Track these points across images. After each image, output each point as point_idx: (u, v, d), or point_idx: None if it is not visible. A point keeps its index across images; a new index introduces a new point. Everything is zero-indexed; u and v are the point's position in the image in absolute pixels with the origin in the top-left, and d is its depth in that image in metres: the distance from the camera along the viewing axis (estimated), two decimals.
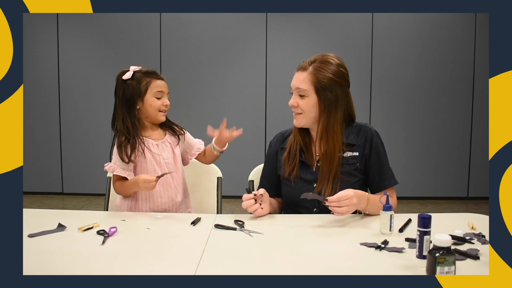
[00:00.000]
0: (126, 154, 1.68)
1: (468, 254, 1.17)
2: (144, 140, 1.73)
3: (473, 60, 4.66)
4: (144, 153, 1.72)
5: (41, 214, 1.61)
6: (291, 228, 1.46)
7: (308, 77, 1.61)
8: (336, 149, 1.62)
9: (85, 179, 4.82)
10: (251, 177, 1.92)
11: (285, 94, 1.69)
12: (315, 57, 1.66)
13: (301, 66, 1.66)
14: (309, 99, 1.62)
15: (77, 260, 1.16)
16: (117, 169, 1.70)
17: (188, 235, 1.40)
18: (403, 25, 4.65)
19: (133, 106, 1.72)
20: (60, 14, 4.70)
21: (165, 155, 1.76)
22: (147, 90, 1.72)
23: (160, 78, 1.76)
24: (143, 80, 1.72)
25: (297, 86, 1.63)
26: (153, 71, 1.77)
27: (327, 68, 1.61)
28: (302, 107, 1.63)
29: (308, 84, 1.61)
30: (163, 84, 1.76)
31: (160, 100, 1.74)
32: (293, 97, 1.66)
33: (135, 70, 1.74)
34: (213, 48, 4.73)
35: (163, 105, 1.75)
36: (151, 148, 1.74)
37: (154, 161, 1.73)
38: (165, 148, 1.78)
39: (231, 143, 1.85)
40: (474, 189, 4.78)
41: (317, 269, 1.11)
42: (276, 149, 1.77)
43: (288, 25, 4.70)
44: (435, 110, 4.73)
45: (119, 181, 1.73)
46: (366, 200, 1.52)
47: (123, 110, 1.73)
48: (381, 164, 1.67)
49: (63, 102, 4.83)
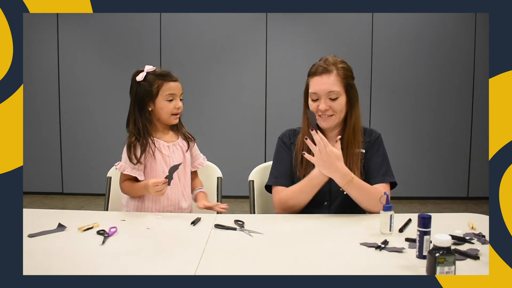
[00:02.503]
0: (135, 154, 1.68)
1: (468, 254, 1.17)
2: (155, 141, 1.73)
3: (473, 60, 4.66)
4: (154, 155, 1.71)
5: (41, 214, 1.61)
6: (291, 228, 1.46)
7: (337, 78, 1.64)
8: (360, 145, 1.68)
9: (85, 179, 4.82)
10: (251, 177, 1.91)
11: (285, 94, 1.69)
12: (328, 60, 1.66)
13: (324, 69, 1.64)
14: (341, 99, 1.65)
15: (77, 260, 1.16)
16: (128, 169, 1.69)
17: (188, 235, 1.40)
18: (403, 25, 4.65)
19: (144, 107, 1.72)
20: (60, 14, 4.70)
21: (175, 158, 1.75)
22: (159, 93, 1.70)
23: (173, 80, 1.74)
24: (155, 82, 1.71)
25: (330, 89, 1.62)
26: (166, 73, 1.74)
27: (344, 66, 1.66)
28: (336, 108, 1.64)
29: (339, 85, 1.64)
30: (176, 86, 1.73)
31: (171, 103, 1.72)
32: (323, 102, 1.63)
33: (148, 71, 1.72)
34: (213, 48, 4.73)
35: (175, 108, 1.73)
36: (162, 149, 1.73)
37: (164, 162, 1.72)
38: (176, 151, 1.77)
39: (231, 143, 1.85)
40: (474, 189, 4.78)
41: (317, 269, 1.11)
42: (290, 144, 1.77)
43: (288, 25, 4.70)
44: (435, 110, 4.73)
45: (129, 181, 1.72)
46: (348, 181, 1.53)
47: (135, 111, 1.72)
48: (380, 160, 1.69)
49: (63, 102, 4.83)
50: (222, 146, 4.68)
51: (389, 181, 1.67)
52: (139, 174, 1.70)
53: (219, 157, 2.88)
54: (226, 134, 4.74)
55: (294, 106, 4.09)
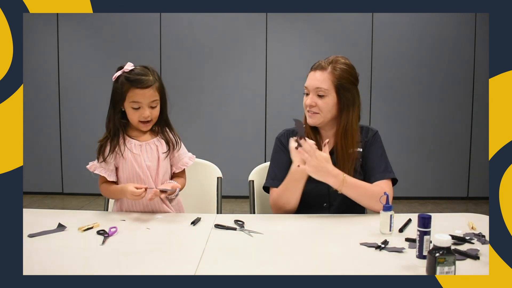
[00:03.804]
0: (102, 153, 1.63)
1: (468, 254, 1.17)
2: (127, 140, 1.66)
3: (473, 60, 4.66)
4: (123, 155, 1.64)
5: (41, 214, 1.61)
6: (291, 228, 1.46)
7: (328, 76, 1.62)
8: (354, 146, 1.66)
9: (85, 179, 4.79)
10: (251, 177, 1.91)
11: (285, 94, 1.69)
12: (331, 58, 1.66)
13: (319, 66, 1.65)
14: (328, 98, 1.63)
15: (77, 260, 1.16)
16: (98, 168, 1.65)
17: (188, 235, 1.40)
18: (403, 25, 4.65)
19: (116, 107, 1.65)
20: (60, 14, 4.70)
21: (146, 157, 1.66)
22: (126, 98, 1.60)
23: (142, 87, 1.58)
24: (124, 85, 1.60)
25: (317, 86, 1.63)
26: (137, 77, 1.59)
27: (344, 68, 1.64)
28: (321, 107, 1.63)
29: (329, 83, 1.62)
30: (143, 94, 1.58)
31: (137, 111, 1.60)
32: (310, 97, 1.65)
33: (124, 71, 1.62)
34: (213, 48, 4.73)
35: (142, 116, 1.61)
36: (132, 149, 1.65)
37: (135, 162, 1.64)
38: (149, 150, 1.67)
39: (231, 143, 1.84)
40: (474, 189, 4.78)
41: (317, 269, 1.11)
42: (287, 143, 1.73)
43: (288, 25, 4.70)
44: (435, 110, 4.73)
45: (106, 183, 1.68)
46: (341, 181, 1.53)
47: (110, 109, 1.66)
48: (378, 157, 1.68)
49: (63, 102, 4.83)
50: (222, 146, 4.68)
51: (390, 178, 1.66)
52: (108, 175, 1.65)
53: (219, 157, 2.89)
54: (226, 134, 4.73)
55: (294, 106, 4.09)
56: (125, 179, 1.66)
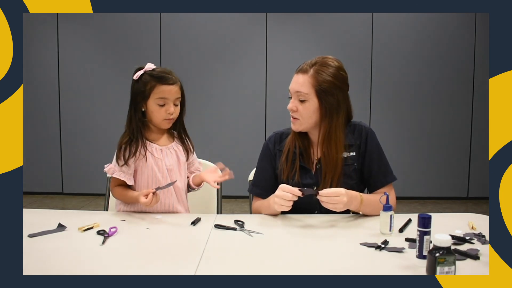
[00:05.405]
0: (123, 156, 1.62)
1: (468, 254, 1.18)
2: (147, 144, 1.66)
3: (473, 60, 4.66)
4: (146, 157, 1.65)
5: (41, 214, 1.61)
6: (291, 228, 1.46)
7: (309, 80, 1.54)
8: (339, 152, 1.58)
9: (85, 179, 4.82)
10: (251, 177, 1.91)
11: (285, 94, 1.67)
12: (316, 60, 1.59)
13: (301, 68, 1.58)
14: (309, 103, 1.56)
15: (77, 260, 1.16)
16: (117, 172, 1.64)
17: (188, 235, 1.40)
18: (403, 25, 4.65)
19: (137, 107, 1.65)
20: (60, 14, 4.69)
21: (168, 161, 1.69)
22: (150, 95, 1.62)
23: (168, 83, 1.63)
24: (149, 83, 1.62)
25: (297, 89, 1.56)
26: (162, 74, 1.63)
27: (328, 71, 1.55)
28: (302, 112, 1.57)
29: (309, 87, 1.54)
30: (169, 91, 1.63)
31: (163, 108, 1.63)
32: (292, 101, 1.59)
33: (147, 70, 1.64)
34: (213, 48, 4.73)
35: (167, 113, 1.64)
36: (154, 153, 1.66)
37: (156, 166, 1.66)
38: (169, 154, 1.70)
39: (230, 143, 1.84)
40: (474, 189, 4.77)
41: (317, 269, 1.11)
42: (275, 151, 1.72)
43: (288, 25, 4.70)
44: (435, 110, 4.73)
45: (120, 187, 1.67)
46: (359, 201, 1.50)
47: (131, 110, 1.66)
48: (377, 161, 1.63)
49: (63, 102, 4.83)
50: (222, 146, 4.68)
51: (392, 181, 1.64)
52: (128, 179, 1.64)
53: (219, 157, 2.86)
54: (226, 134, 4.73)
55: None
56: (144, 182, 1.66)
